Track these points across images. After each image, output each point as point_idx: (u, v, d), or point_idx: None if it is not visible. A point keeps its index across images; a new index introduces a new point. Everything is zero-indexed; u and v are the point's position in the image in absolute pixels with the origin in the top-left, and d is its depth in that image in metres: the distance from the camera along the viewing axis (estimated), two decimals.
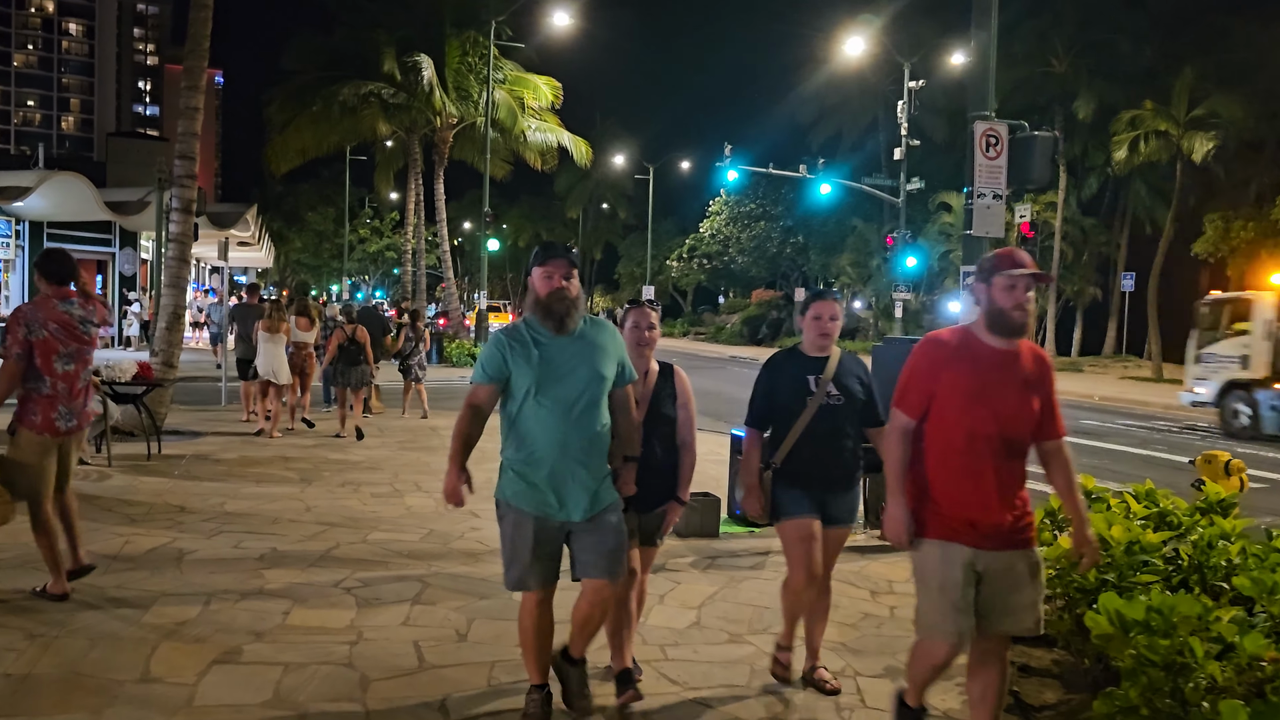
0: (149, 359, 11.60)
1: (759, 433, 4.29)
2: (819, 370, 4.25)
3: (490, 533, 7.19)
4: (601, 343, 3.72)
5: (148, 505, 7.73)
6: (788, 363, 4.37)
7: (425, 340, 14.69)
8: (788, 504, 4.19)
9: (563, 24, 28.09)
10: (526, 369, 3.59)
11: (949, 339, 3.44)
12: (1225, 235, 31.16)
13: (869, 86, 44.64)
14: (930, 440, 3.41)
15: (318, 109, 28.75)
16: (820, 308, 4.30)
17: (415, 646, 4.74)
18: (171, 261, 11.97)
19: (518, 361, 3.61)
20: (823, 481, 4.22)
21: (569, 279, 3.62)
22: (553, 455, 3.58)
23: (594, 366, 3.65)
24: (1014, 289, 3.31)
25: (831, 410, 4.19)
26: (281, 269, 70.65)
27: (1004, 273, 3.33)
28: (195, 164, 12.05)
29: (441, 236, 31.99)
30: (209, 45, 12.02)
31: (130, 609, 5.11)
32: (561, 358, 3.61)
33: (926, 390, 3.39)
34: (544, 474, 3.60)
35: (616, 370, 3.74)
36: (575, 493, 3.62)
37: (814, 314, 4.31)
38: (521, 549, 3.66)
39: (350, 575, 5.93)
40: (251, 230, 28.76)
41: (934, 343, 3.46)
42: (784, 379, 4.29)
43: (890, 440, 3.51)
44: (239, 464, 9.84)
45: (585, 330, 3.70)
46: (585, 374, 3.62)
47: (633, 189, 67.93)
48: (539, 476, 3.61)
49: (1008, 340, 3.35)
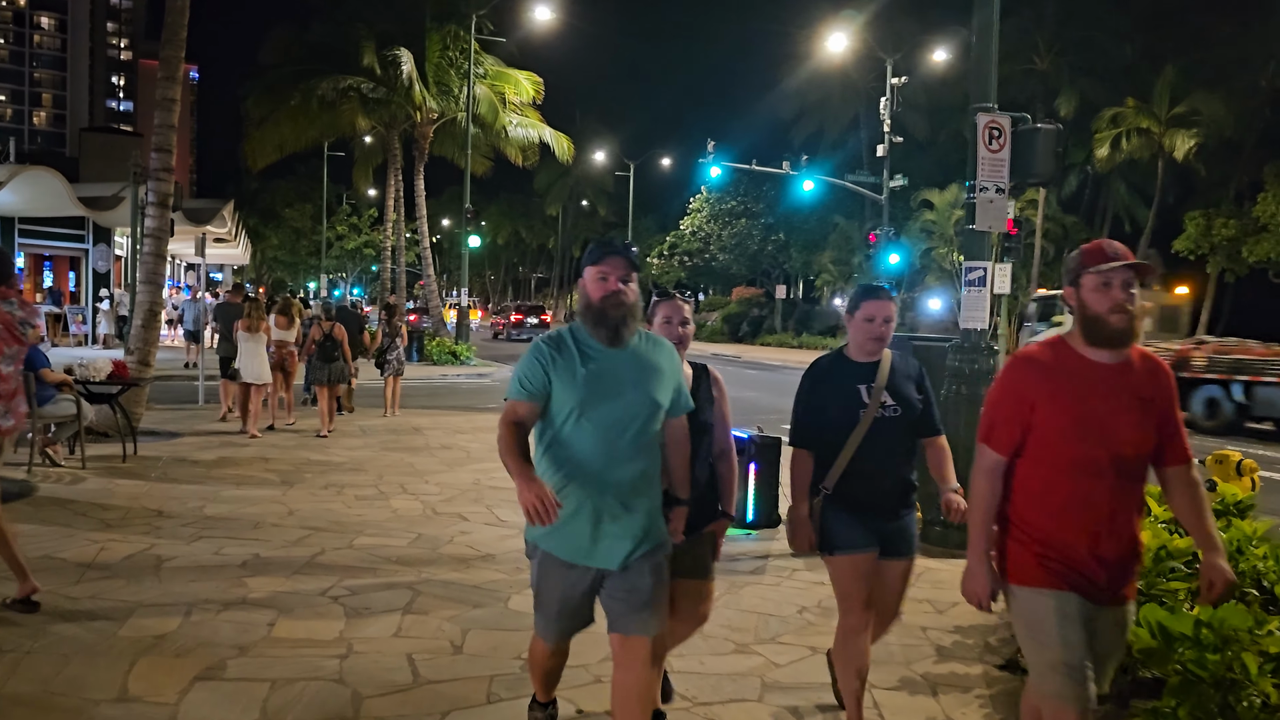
0: (124, 357, 11.30)
1: (809, 453, 3.71)
2: (870, 378, 3.70)
3: (480, 537, 7.01)
4: (657, 362, 3.14)
5: (124, 509, 7.45)
6: (834, 370, 3.78)
7: (403, 335, 14.59)
8: (841, 534, 3.64)
9: (544, 18, 27.82)
10: (570, 385, 3.02)
11: (1042, 356, 2.90)
12: (1206, 233, 31.30)
13: (850, 83, 44.57)
14: (1026, 476, 2.88)
15: (296, 103, 28.35)
16: (873, 308, 3.70)
17: (409, 660, 4.51)
18: (147, 258, 11.65)
19: (561, 376, 3.03)
20: (880, 506, 3.66)
21: (627, 281, 3.05)
22: (591, 490, 3.01)
23: (647, 389, 3.08)
24: (1109, 287, 2.77)
25: (888, 423, 3.64)
26: (258, 266, 69.91)
27: (1093, 270, 2.80)
28: (172, 157, 11.74)
29: (422, 233, 31.64)
30: (186, 36, 11.72)
31: (106, 621, 4.85)
32: (612, 375, 3.04)
33: (1020, 420, 2.85)
34: (578, 510, 3.02)
35: (673, 396, 3.18)
36: (613, 537, 3.04)
37: (865, 314, 3.70)
38: (547, 599, 3.19)
39: (337, 583, 5.69)
40: (228, 226, 28.29)
41: (1025, 362, 2.92)
42: (831, 390, 3.72)
43: (978, 482, 2.93)
44: (218, 465, 9.56)
45: (640, 346, 3.14)
46: (637, 397, 3.05)
47: (613, 186, 67.69)
48: (570, 512, 3.01)
49: (1112, 351, 2.81)
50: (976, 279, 7.06)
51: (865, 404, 3.64)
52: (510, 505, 8.12)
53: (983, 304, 7.11)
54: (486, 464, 10.21)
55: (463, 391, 19.74)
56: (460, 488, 8.88)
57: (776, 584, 6.10)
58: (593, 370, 3.04)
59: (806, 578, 6.24)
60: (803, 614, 5.48)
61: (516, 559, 6.38)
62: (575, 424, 3.00)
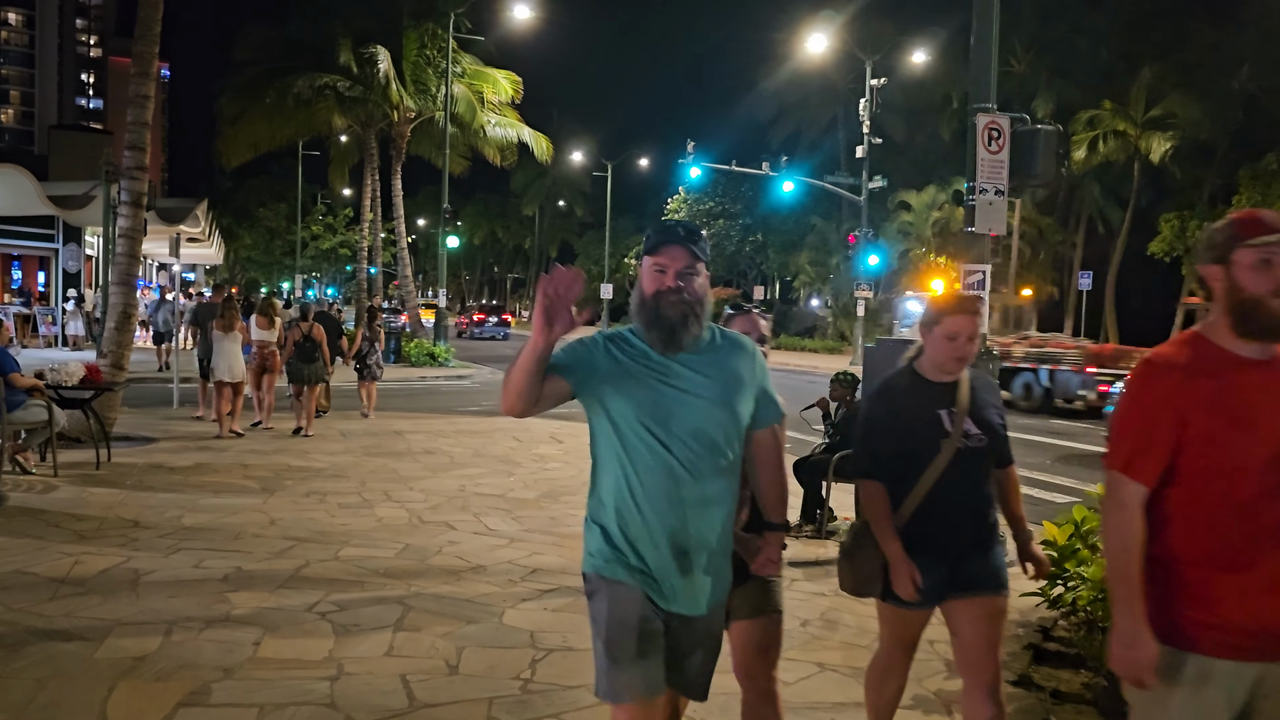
0: (97, 360, 11.00)
1: (883, 486, 3.20)
2: (950, 401, 3.19)
3: (470, 547, 6.81)
4: (736, 366, 2.65)
5: (98, 520, 7.19)
6: (908, 391, 3.26)
7: (380, 340, 14.73)
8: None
9: (523, 17, 27.60)
10: (631, 390, 2.54)
11: (1180, 357, 2.32)
12: (1181, 235, 31.52)
13: (828, 85, 44.67)
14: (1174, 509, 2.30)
15: (271, 101, 27.96)
16: (957, 324, 3.15)
17: (403, 681, 4.31)
18: (121, 258, 11.36)
19: (616, 376, 2.55)
20: (958, 549, 3.18)
21: (690, 276, 2.56)
22: (657, 520, 2.53)
23: (725, 398, 2.59)
24: (1269, 265, 2.23)
25: (972, 455, 3.15)
26: (231, 266, 69.14)
27: (1249, 243, 2.25)
28: (146, 155, 11.45)
29: (399, 233, 31.31)
30: (160, 30, 11.44)
31: (82, 641, 4.62)
32: (678, 383, 2.56)
33: (1167, 439, 2.26)
34: (640, 541, 2.56)
35: (756, 405, 2.70)
36: (685, 575, 2.56)
37: (948, 331, 3.16)
38: (622, 640, 2.52)
39: (324, 598, 5.48)
40: (202, 226, 27.86)
41: (1161, 367, 2.33)
42: (907, 415, 3.20)
43: (1115, 521, 2.32)
44: (195, 472, 9.30)
45: (716, 347, 2.65)
46: (710, 408, 2.56)
47: (590, 186, 67.55)
48: (633, 542, 2.56)
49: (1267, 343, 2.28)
50: (976, 282, 6.95)
51: (947, 432, 3.14)
52: (499, 513, 7.94)
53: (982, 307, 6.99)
54: (471, 469, 10.01)
55: (443, 394, 19.49)
56: (446, 494, 8.67)
57: None
58: (658, 375, 2.56)
59: (806, 588, 6.09)
60: (806, 627, 5.33)
61: (508, 570, 6.20)
62: (641, 438, 2.53)
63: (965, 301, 3.24)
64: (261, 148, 29.69)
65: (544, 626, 5.11)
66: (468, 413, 15.72)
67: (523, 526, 7.50)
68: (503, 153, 31.89)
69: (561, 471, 10.05)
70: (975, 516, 3.22)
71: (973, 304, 3.24)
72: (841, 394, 7.90)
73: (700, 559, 2.57)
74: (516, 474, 9.86)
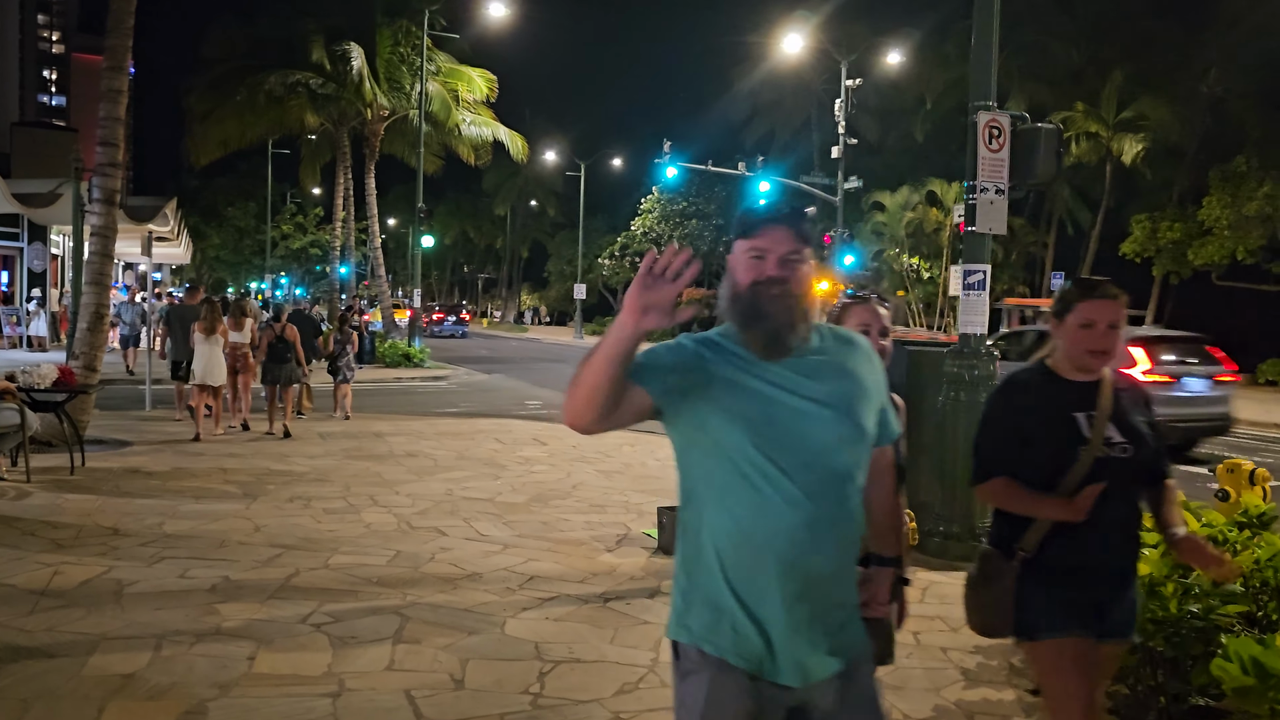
0: (69, 362, 10.71)
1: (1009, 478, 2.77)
2: (1089, 403, 2.72)
3: (462, 553, 6.63)
4: (855, 369, 2.16)
5: (76, 527, 6.94)
6: (1038, 390, 2.80)
7: (354, 342, 14.74)
8: (1049, 614, 2.70)
9: (498, 15, 27.33)
10: (728, 405, 2.04)
11: None
12: (1152, 236, 31.77)
13: (802, 85, 44.73)
14: None
15: (242, 98, 27.53)
16: (1093, 309, 2.72)
17: (408, 698, 4.14)
18: (94, 257, 11.06)
19: (718, 392, 2.04)
20: (1102, 577, 2.73)
21: (796, 262, 2.06)
22: (776, 569, 2.01)
23: (850, 410, 2.09)
24: None
25: (1116, 466, 2.67)
26: (198, 266, 68.18)
27: None
28: (119, 151, 11.15)
29: (372, 232, 30.96)
30: (133, 23, 11.15)
31: (67, 658, 4.41)
32: (794, 395, 2.05)
33: None
34: (754, 598, 2.03)
35: (878, 418, 2.21)
36: (805, 636, 2.04)
37: (1081, 318, 2.73)
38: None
39: (317, 608, 5.28)
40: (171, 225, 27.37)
41: None
42: (1036, 417, 2.75)
43: None
44: (174, 477, 9.05)
45: (824, 347, 2.15)
46: (835, 425, 2.06)
47: (563, 186, 67.26)
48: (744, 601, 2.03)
49: None
50: (976, 282, 6.86)
51: (1085, 438, 2.69)
52: (489, 518, 7.77)
53: (981, 307, 6.91)
54: (456, 472, 9.82)
55: (420, 395, 19.24)
56: (433, 499, 8.48)
57: None
58: (769, 385, 2.05)
59: None
60: None
61: (505, 578, 6.03)
62: (756, 466, 2.01)
63: (1103, 285, 2.76)
64: (232, 145, 29.28)
65: (548, 637, 4.95)
66: (447, 414, 15.51)
67: (515, 532, 7.33)
68: (477, 152, 31.66)
69: (548, 474, 9.88)
70: (1119, 541, 2.74)
71: (1111, 287, 2.75)
72: None
73: (831, 613, 2.08)
74: (503, 477, 9.68)
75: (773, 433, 2.02)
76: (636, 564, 6.50)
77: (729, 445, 2.03)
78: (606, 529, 7.52)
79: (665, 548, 6.80)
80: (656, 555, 6.74)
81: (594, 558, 6.62)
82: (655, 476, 9.88)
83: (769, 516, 2.00)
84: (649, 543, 7.08)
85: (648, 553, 6.81)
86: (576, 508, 8.31)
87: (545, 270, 75.62)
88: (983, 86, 6.93)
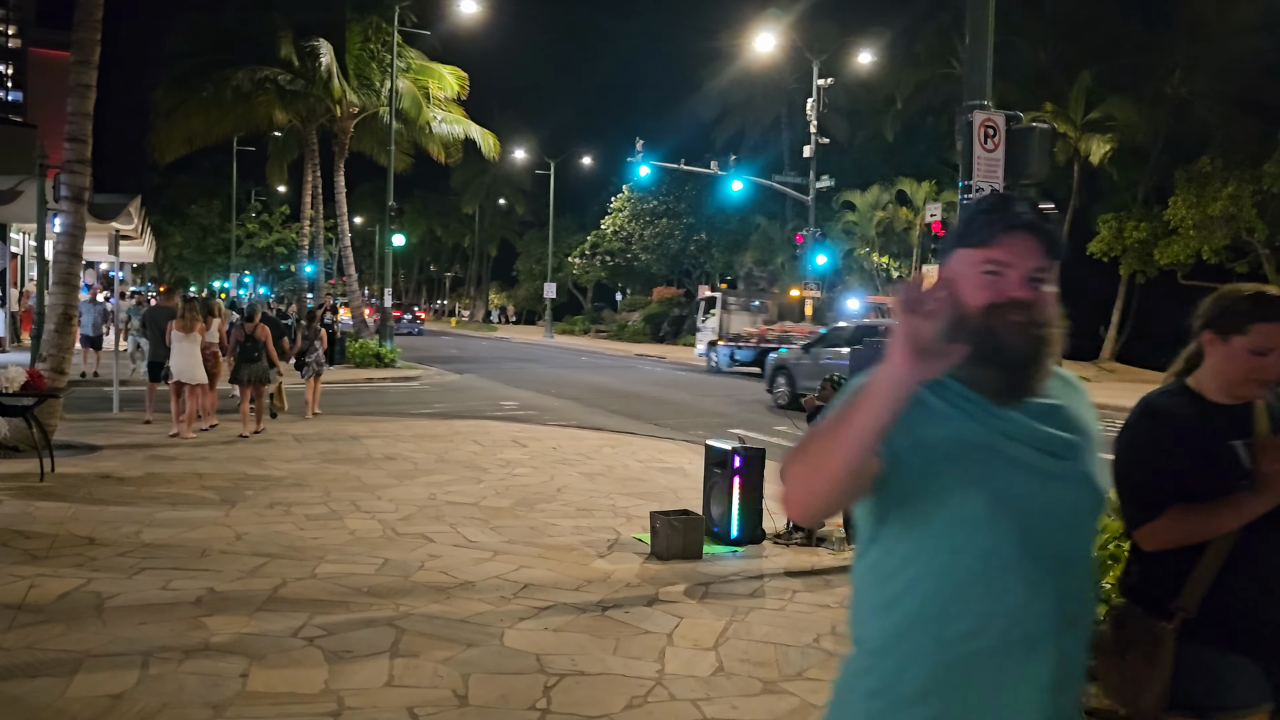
0: (37, 365, 10.42)
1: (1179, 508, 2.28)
2: (1243, 429, 2.31)
3: (452, 560, 6.47)
4: (1084, 417, 1.69)
5: (50, 537, 6.71)
6: (1187, 416, 2.35)
7: (322, 339, 14.90)
8: (1222, 683, 2.23)
9: (469, 11, 27.06)
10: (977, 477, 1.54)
11: None
12: (1119, 235, 32.09)
13: (773, 84, 44.75)
14: None
15: (208, 94, 27.03)
16: (1273, 335, 2.27)
17: (411, 716, 3.99)
18: (61, 256, 10.76)
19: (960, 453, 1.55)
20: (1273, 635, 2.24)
21: (1042, 280, 1.61)
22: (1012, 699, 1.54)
23: (1090, 472, 1.64)
24: None
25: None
26: (160, 264, 67.16)
27: None
28: (87, 148, 10.86)
29: (342, 230, 30.59)
30: (101, 16, 10.87)
31: (50, 678, 4.22)
32: (1030, 454, 1.58)
33: None
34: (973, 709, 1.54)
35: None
36: None
37: (1256, 343, 2.29)
38: None
39: (308, 621, 5.12)
40: (135, 223, 26.88)
41: None
42: (1189, 446, 2.31)
43: None
44: (148, 483, 8.80)
45: (1055, 392, 1.67)
46: (1081, 494, 1.62)
47: (531, 184, 66.92)
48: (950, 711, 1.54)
49: None
50: None
51: (1247, 471, 2.24)
52: (476, 524, 7.62)
53: None
54: (437, 476, 9.65)
55: (393, 396, 18.98)
56: (416, 504, 8.31)
57: (781, 608, 5.73)
58: (1016, 443, 1.58)
59: (808, 599, 5.89)
60: (819, 643, 5.12)
61: (498, 586, 5.89)
62: (998, 554, 1.53)
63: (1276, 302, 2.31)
64: (198, 142, 28.80)
65: (549, 648, 4.82)
66: (422, 415, 15.29)
67: (503, 538, 7.18)
68: (448, 149, 31.39)
69: (531, 478, 9.73)
70: None
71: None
72: (831, 396, 7.73)
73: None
74: (485, 480, 9.52)
75: (1024, 509, 1.55)
76: (630, 570, 6.38)
77: (969, 524, 1.53)
78: (596, 534, 7.40)
79: (658, 553, 6.69)
80: (650, 561, 6.63)
81: (586, 564, 6.50)
82: (639, 479, 9.77)
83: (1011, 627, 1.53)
84: (641, 548, 6.96)
85: (640, 558, 6.70)
86: (563, 512, 8.17)
87: (514, 269, 75.29)
88: (978, 86, 6.88)
